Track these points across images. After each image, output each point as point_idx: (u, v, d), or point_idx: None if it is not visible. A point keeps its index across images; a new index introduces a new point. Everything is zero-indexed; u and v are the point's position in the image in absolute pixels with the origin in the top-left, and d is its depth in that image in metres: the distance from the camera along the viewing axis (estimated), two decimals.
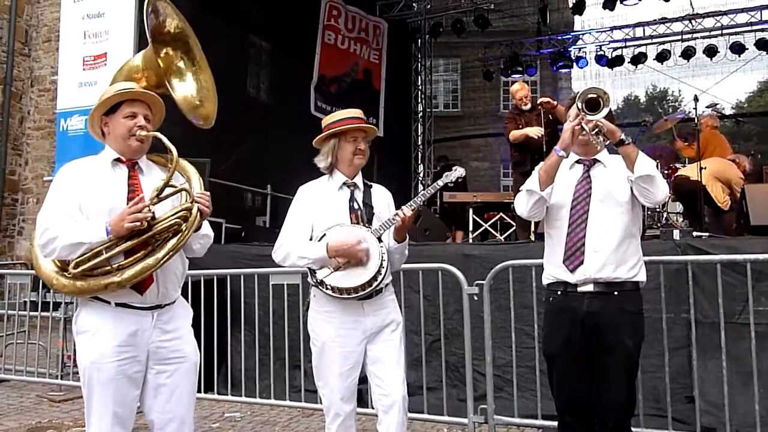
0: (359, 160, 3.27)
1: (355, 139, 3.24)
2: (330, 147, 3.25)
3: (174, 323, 2.79)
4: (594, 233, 3.07)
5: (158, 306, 2.73)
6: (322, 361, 3.14)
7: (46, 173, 11.61)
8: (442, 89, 18.92)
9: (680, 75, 15.04)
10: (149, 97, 2.85)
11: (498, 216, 8.99)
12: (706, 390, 4.39)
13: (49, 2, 12.96)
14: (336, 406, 3.10)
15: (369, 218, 3.20)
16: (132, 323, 2.67)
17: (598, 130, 3.00)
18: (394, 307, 3.25)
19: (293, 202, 3.31)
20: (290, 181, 7.20)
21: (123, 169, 2.82)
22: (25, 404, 5.85)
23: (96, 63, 7.63)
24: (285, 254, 3.16)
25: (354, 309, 3.10)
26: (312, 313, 3.20)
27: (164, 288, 2.73)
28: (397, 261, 3.30)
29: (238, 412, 5.51)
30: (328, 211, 3.18)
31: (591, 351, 3.07)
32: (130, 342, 2.66)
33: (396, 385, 3.11)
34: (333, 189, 3.25)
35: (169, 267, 2.72)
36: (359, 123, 3.27)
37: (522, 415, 4.63)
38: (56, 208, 2.67)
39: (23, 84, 13.08)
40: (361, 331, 3.10)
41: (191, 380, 2.81)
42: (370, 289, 3.04)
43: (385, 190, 3.45)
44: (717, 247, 4.72)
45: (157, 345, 2.72)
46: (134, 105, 2.79)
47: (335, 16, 11.66)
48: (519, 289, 4.73)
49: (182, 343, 2.80)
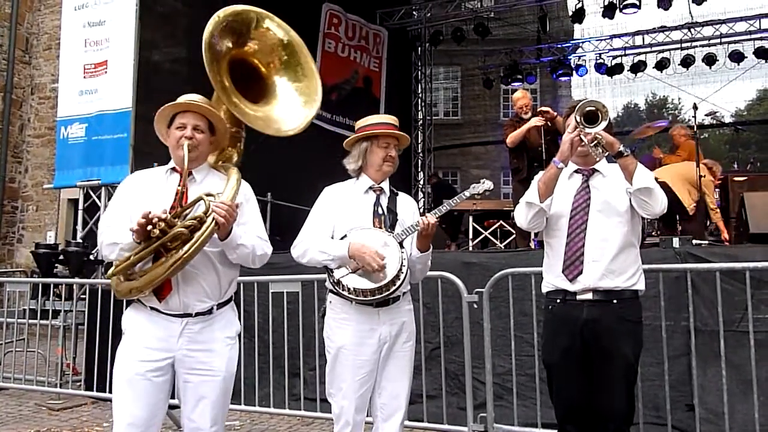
0: (388, 167, 3.25)
1: (387, 145, 3.23)
2: (361, 150, 3.24)
3: (207, 335, 2.79)
4: (593, 243, 3.08)
5: (187, 315, 2.75)
6: (336, 368, 3.11)
7: (46, 181, 11.63)
8: (442, 97, 18.95)
9: (679, 83, 15.08)
10: (202, 109, 2.86)
11: (498, 224, 8.98)
12: (706, 398, 4.39)
13: (50, 10, 13.03)
14: (347, 414, 3.06)
15: (392, 224, 3.18)
16: (161, 328, 2.74)
17: (596, 142, 3.01)
18: (410, 318, 3.22)
19: (317, 201, 3.30)
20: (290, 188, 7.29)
21: (176, 178, 2.86)
22: (24, 412, 5.84)
23: (96, 71, 7.66)
24: (304, 249, 3.14)
25: (370, 316, 3.07)
26: (328, 320, 3.17)
27: (185, 297, 2.74)
28: (418, 272, 3.28)
29: (237, 420, 5.50)
30: (351, 214, 3.17)
31: (590, 359, 3.07)
32: (157, 346, 2.72)
33: (399, 397, 3.11)
34: (359, 192, 3.24)
35: (193, 277, 2.75)
36: (393, 129, 3.26)
37: (522, 424, 4.62)
38: (110, 212, 2.90)
39: (23, 92, 13.11)
40: (376, 339, 3.07)
41: (218, 394, 2.78)
42: (387, 293, 3.00)
43: (411, 199, 3.45)
44: (716, 255, 4.72)
45: (184, 353, 2.74)
46: (185, 116, 2.84)
47: (335, 24, 11.70)
48: (519, 297, 4.73)
49: (212, 356, 2.78)
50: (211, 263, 2.79)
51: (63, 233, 11.69)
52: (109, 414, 5.69)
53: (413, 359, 3.24)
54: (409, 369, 3.19)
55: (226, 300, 2.90)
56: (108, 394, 5.83)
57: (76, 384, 6.38)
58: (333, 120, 11.43)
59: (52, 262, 7.19)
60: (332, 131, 11.38)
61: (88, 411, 5.90)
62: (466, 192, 3.28)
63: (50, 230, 12.39)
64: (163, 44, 8.10)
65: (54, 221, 12.36)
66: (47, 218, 12.80)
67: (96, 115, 7.57)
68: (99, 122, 7.54)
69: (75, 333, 6.54)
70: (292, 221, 9.27)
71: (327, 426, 5.22)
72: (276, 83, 3.27)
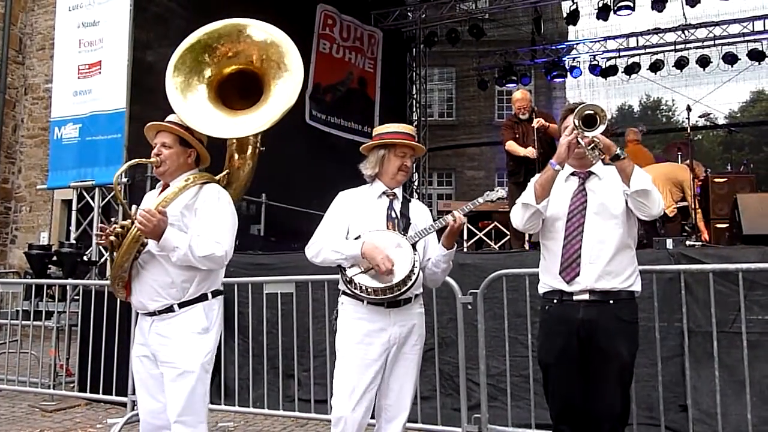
0: (402, 177, 3.33)
1: (404, 154, 3.29)
2: (378, 157, 3.29)
3: (169, 331, 3.00)
4: (590, 245, 3.09)
5: (153, 313, 3.03)
6: (344, 367, 3.13)
7: (39, 181, 11.58)
8: (437, 98, 18.94)
9: (673, 85, 15.11)
10: (165, 127, 3.16)
11: (492, 225, 9.00)
12: (699, 399, 4.40)
13: (44, 10, 12.99)
14: (349, 413, 3.04)
15: (405, 228, 3.23)
16: (140, 323, 3.12)
17: (594, 146, 3.02)
18: (420, 321, 3.25)
19: (332, 204, 3.36)
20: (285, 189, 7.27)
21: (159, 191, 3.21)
22: (17, 414, 5.82)
23: (90, 71, 7.64)
24: (318, 249, 3.18)
25: (381, 317, 3.11)
26: (340, 321, 3.20)
27: (140, 297, 3.03)
28: (442, 271, 3.29)
29: (232, 421, 5.50)
30: (365, 217, 3.22)
31: (586, 359, 3.08)
32: (139, 339, 3.11)
33: (404, 400, 3.16)
34: (373, 196, 3.30)
35: (144, 277, 3.02)
36: (410, 140, 3.31)
37: (516, 425, 4.62)
38: None
39: (17, 92, 13.07)
40: (386, 340, 3.10)
41: (180, 388, 2.94)
42: (398, 292, 3.03)
43: (423, 205, 3.50)
44: (710, 256, 4.74)
45: (154, 348, 3.02)
46: (158, 136, 3.18)
47: (330, 25, 11.70)
48: (513, 298, 4.73)
49: (172, 351, 2.97)
50: (160, 264, 3.00)
51: (56, 234, 11.65)
52: (102, 415, 5.69)
53: (420, 362, 3.28)
54: (416, 371, 3.24)
55: (193, 299, 3.04)
56: (101, 395, 5.82)
57: (70, 385, 6.36)
58: (328, 121, 11.44)
59: (46, 263, 7.16)
60: (327, 132, 11.39)
61: (82, 412, 5.88)
62: (480, 198, 3.33)
63: (44, 231, 12.35)
64: (157, 45, 8.07)
65: (47, 222, 12.31)
66: (40, 219, 12.75)
67: (90, 115, 7.55)
68: (93, 123, 7.52)
69: (68, 334, 6.52)
70: (286, 222, 9.26)
71: (321, 427, 5.22)
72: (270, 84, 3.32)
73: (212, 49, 3.31)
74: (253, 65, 3.31)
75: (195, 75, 3.29)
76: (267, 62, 3.29)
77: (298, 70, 3.28)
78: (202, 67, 3.30)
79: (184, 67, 3.29)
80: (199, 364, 2.97)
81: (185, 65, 3.29)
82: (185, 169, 3.17)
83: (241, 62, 3.33)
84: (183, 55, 3.31)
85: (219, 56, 3.31)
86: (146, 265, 3.01)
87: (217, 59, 3.31)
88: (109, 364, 5.75)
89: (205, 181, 3.15)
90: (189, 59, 3.30)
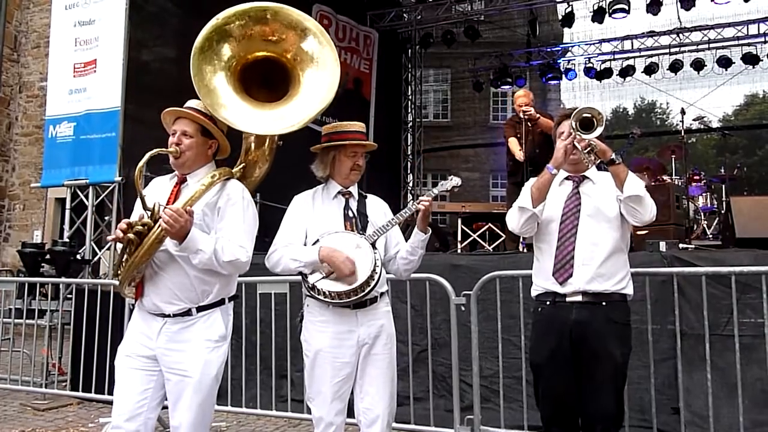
0: (355, 176, 3.29)
1: (354, 154, 3.25)
2: (329, 159, 3.27)
3: (184, 336, 2.82)
4: (583, 247, 3.10)
5: (165, 315, 2.81)
6: (314, 371, 3.11)
7: (33, 179, 11.55)
8: (432, 99, 18.98)
9: (668, 88, 15.17)
10: (187, 114, 2.91)
11: (486, 226, 9.00)
12: (692, 401, 4.41)
13: (39, 8, 12.97)
14: (328, 417, 3.07)
15: (363, 226, 3.20)
16: (145, 323, 2.87)
17: (590, 150, 3.03)
18: (388, 320, 3.21)
19: (288, 209, 3.31)
20: (280, 189, 7.23)
21: (174, 182, 2.99)
22: (8, 413, 5.80)
23: (86, 70, 7.63)
24: (277, 258, 3.16)
25: (348, 318, 3.07)
26: (306, 324, 3.17)
27: (155, 299, 2.81)
28: (417, 259, 3.27)
29: (224, 421, 5.48)
30: (322, 219, 3.19)
31: (579, 361, 3.09)
32: (140, 339, 2.85)
33: (382, 400, 3.09)
34: (328, 198, 3.27)
35: (161, 279, 2.81)
36: (360, 138, 3.29)
37: (508, 426, 4.63)
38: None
39: (11, 90, 13.04)
40: (354, 342, 3.07)
41: (191, 396, 2.78)
42: (362, 294, 3.00)
43: (380, 200, 3.46)
44: (703, 259, 4.75)
45: (162, 351, 2.80)
46: (177, 123, 2.94)
47: (326, 26, 11.68)
48: (506, 299, 4.73)
49: (186, 357, 2.79)
50: (179, 266, 2.80)
51: (50, 232, 11.61)
52: (94, 414, 5.67)
53: (395, 362, 3.22)
54: (392, 373, 3.17)
55: (211, 303, 2.89)
56: (93, 394, 5.81)
57: (62, 384, 6.34)
58: (323, 121, 11.37)
59: (39, 261, 7.14)
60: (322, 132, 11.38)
61: (74, 411, 5.86)
62: (434, 189, 3.33)
63: (37, 229, 12.31)
64: (153, 44, 8.08)
65: (41, 220, 12.28)
66: (34, 217, 12.72)
67: (84, 114, 7.54)
68: (87, 121, 7.50)
69: (61, 333, 6.50)
70: (280, 223, 9.29)
71: (314, 428, 5.21)
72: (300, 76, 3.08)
73: (242, 29, 2.95)
74: (282, 55, 3.03)
75: (220, 60, 2.95)
76: (299, 53, 3.02)
77: (334, 66, 3.03)
78: (229, 51, 2.96)
79: (210, 52, 2.93)
80: (213, 376, 2.84)
81: (211, 49, 2.93)
82: (204, 162, 2.95)
83: (270, 49, 3.02)
84: (208, 36, 2.93)
85: (247, 39, 2.98)
86: (163, 265, 2.80)
87: (245, 43, 2.98)
88: (102, 363, 5.72)
89: (227, 177, 2.94)
90: (215, 40, 2.94)
